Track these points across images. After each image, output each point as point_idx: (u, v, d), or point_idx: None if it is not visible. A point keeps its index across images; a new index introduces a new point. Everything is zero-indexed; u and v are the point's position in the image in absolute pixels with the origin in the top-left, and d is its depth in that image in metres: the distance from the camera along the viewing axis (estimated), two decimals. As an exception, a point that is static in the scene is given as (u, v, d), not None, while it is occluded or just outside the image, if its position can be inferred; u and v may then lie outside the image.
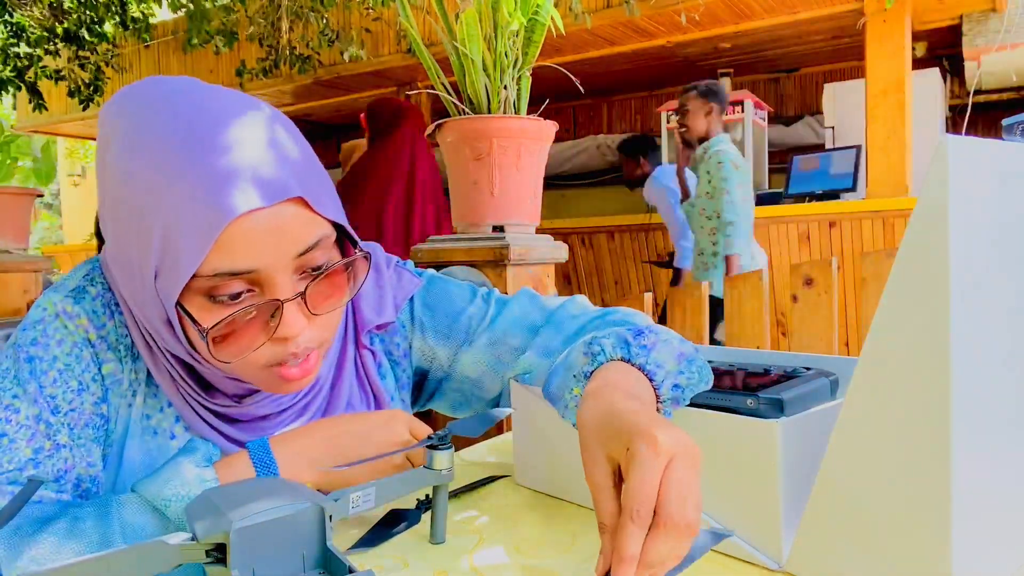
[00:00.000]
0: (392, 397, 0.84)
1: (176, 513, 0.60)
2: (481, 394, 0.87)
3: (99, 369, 0.68)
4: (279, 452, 0.67)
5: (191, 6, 3.86)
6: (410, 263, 0.91)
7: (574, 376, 0.65)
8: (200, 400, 0.70)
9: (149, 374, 0.70)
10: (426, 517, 0.69)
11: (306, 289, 0.62)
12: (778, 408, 0.67)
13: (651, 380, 0.63)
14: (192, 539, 0.48)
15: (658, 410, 0.62)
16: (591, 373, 0.64)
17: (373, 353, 0.82)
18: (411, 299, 0.86)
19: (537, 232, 1.50)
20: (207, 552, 0.49)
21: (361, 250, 0.66)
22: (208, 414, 0.71)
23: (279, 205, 0.59)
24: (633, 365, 0.63)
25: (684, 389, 0.64)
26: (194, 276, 0.58)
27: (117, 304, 0.69)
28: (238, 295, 0.60)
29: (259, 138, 0.60)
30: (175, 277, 0.58)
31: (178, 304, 0.59)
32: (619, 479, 0.52)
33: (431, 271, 0.91)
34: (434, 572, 0.61)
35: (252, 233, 0.57)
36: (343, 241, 0.69)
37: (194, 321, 0.59)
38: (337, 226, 0.65)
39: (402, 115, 2.73)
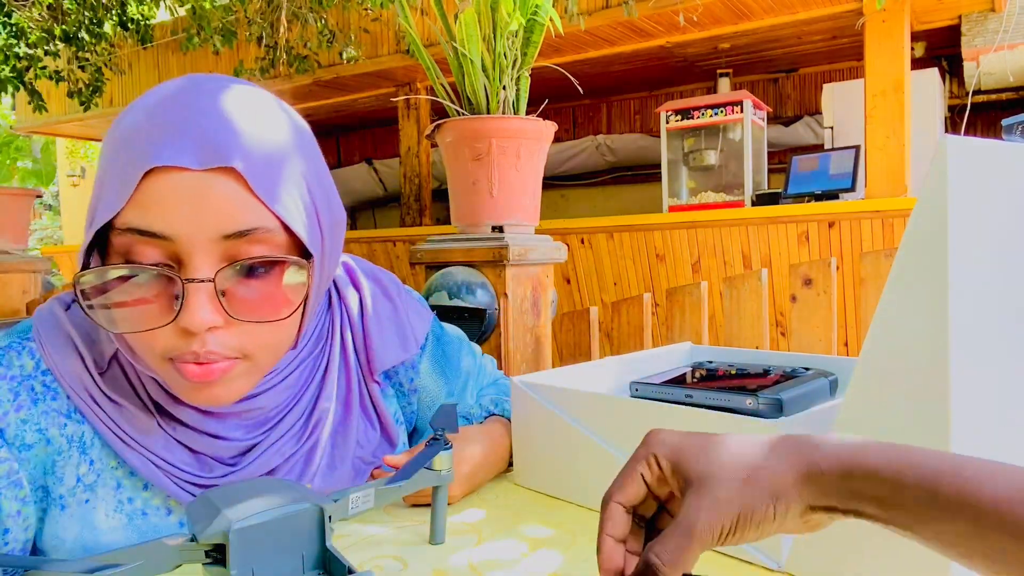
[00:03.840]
0: (397, 421, 0.84)
1: None
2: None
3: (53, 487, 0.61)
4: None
5: (192, 4, 3.85)
6: (411, 289, 0.90)
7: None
8: (190, 476, 0.65)
9: (115, 464, 0.65)
10: (426, 517, 0.69)
11: (218, 276, 0.55)
12: (778, 408, 0.67)
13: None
14: (191, 540, 0.48)
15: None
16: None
17: (379, 383, 0.80)
18: (431, 333, 0.86)
19: (536, 232, 1.50)
20: (206, 553, 0.49)
21: (305, 263, 0.58)
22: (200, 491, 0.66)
23: (211, 173, 0.53)
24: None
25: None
26: (113, 230, 0.54)
27: (32, 388, 0.62)
28: (156, 266, 0.54)
29: (221, 108, 0.56)
30: (93, 224, 0.55)
31: (86, 252, 0.56)
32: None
33: (420, 295, 0.92)
34: (433, 572, 0.61)
35: (172, 193, 0.53)
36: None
37: (86, 267, 0.55)
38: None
39: None
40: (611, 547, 0.43)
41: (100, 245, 0.58)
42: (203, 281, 0.54)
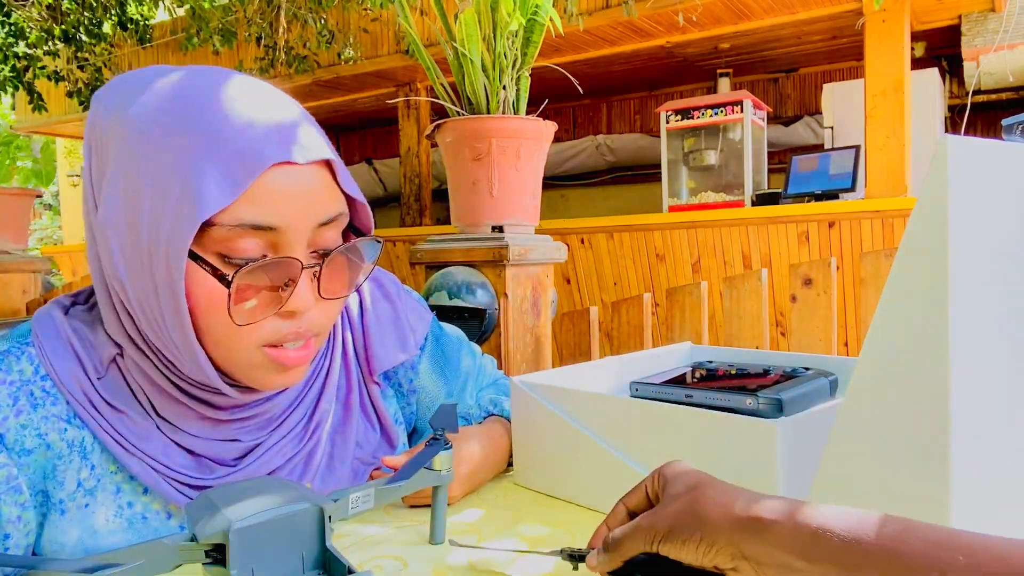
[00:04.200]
0: (397, 422, 0.83)
1: None
2: None
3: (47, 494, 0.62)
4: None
5: (191, 5, 3.86)
6: (411, 290, 0.89)
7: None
8: (190, 479, 0.65)
9: (115, 468, 0.64)
10: (426, 517, 0.69)
11: (321, 266, 0.61)
12: (777, 408, 0.67)
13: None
14: (191, 540, 0.48)
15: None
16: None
17: (378, 384, 0.81)
18: (431, 334, 0.86)
19: (536, 232, 1.50)
20: (206, 552, 0.49)
21: (381, 240, 0.66)
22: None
23: (311, 166, 0.58)
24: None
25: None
26: (212, 226, 0.55)
27: (32, 393, 0.62)
28: (284, 258, 0.58)
29: (290, 104, 0.61)
30: (192, 219, 0.54)
31: (192, 255, 0.56)
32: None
33: (419, 295, 0.90)
34: (433, 572, 0.61)
35: (283, 187, 0.56)
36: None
37: (214, 269, 0.56)
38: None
39: None
40: (603, 530, 0.55)
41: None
42: (311, 268, 0.59)
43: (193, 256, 0.56)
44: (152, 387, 0.64)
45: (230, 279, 0.56)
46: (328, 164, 0.60)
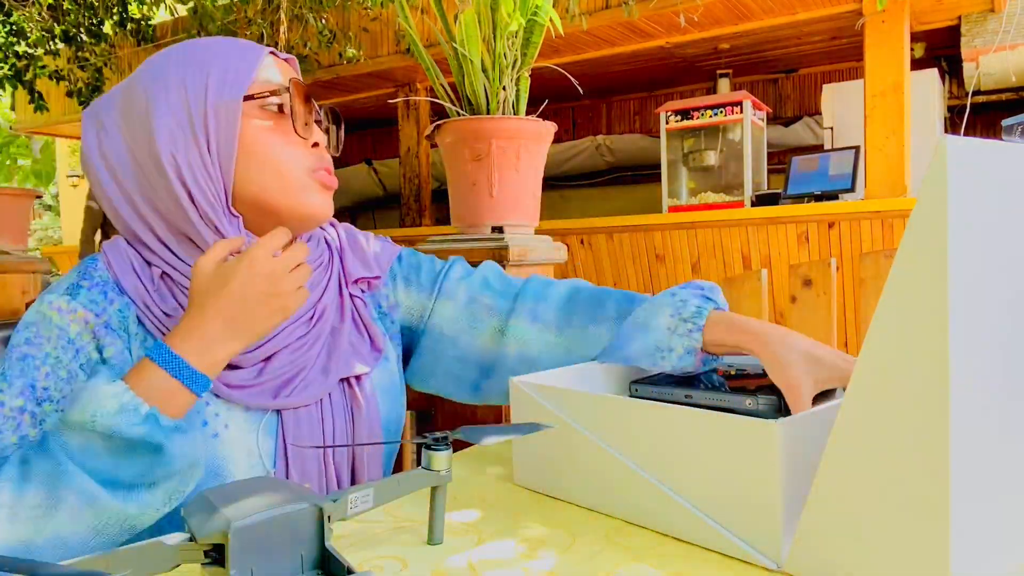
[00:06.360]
0: (383, 331, 0.96)
1: (104, 426, 0.64)
2: (456, 354, 0.97)
3: (100, 353, 0.76)
4: (183, 348, 0.69)
5: (194, 3, 3.85)
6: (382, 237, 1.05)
7: (679, 335, 0.84)
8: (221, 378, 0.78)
9: None
10: (425, 516, 0.69)
11: (318, 120, 0.84)
12: (777, 408, 0.67)
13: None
14: (190, 540, 0.48)
15: None
16: (701, 326, 0.83)
17: (364, 302, 0.94)
18: (398, 257, 1.01)
19: (536, 233, 1.50)
20: (205, 553, 0.49)
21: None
22: (228, 388, 0.78)
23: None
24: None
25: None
26: (247, 97, 0.78)
27: (116, 289, 0.78)
28: (280, 108, 0.80)
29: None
30: (239, 84, 0.78)
31: (247, 98, 0.78)
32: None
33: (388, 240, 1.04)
34: (432, 572, 0.61)
35: (279, 63, 0.83)
36: None
37: (271, 94, 0.80)
38: None
39: None
40: None
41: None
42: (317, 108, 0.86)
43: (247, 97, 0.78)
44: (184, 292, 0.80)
45: (286, 88, 0.80)
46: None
